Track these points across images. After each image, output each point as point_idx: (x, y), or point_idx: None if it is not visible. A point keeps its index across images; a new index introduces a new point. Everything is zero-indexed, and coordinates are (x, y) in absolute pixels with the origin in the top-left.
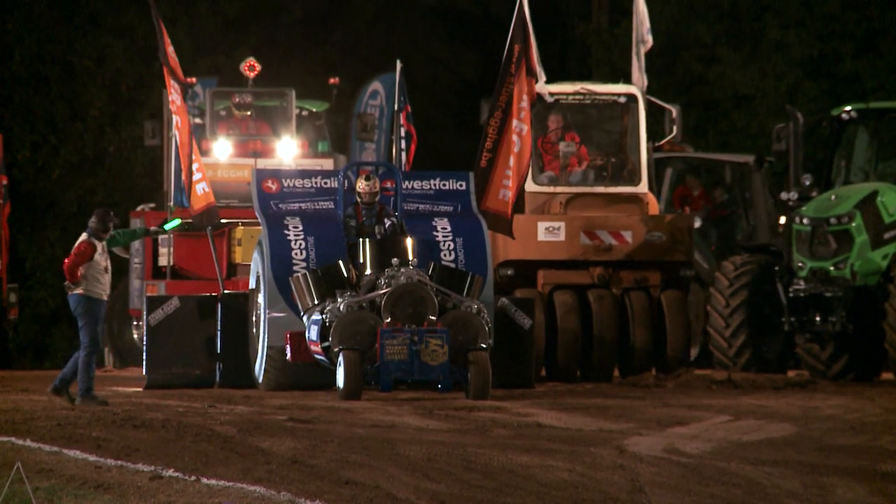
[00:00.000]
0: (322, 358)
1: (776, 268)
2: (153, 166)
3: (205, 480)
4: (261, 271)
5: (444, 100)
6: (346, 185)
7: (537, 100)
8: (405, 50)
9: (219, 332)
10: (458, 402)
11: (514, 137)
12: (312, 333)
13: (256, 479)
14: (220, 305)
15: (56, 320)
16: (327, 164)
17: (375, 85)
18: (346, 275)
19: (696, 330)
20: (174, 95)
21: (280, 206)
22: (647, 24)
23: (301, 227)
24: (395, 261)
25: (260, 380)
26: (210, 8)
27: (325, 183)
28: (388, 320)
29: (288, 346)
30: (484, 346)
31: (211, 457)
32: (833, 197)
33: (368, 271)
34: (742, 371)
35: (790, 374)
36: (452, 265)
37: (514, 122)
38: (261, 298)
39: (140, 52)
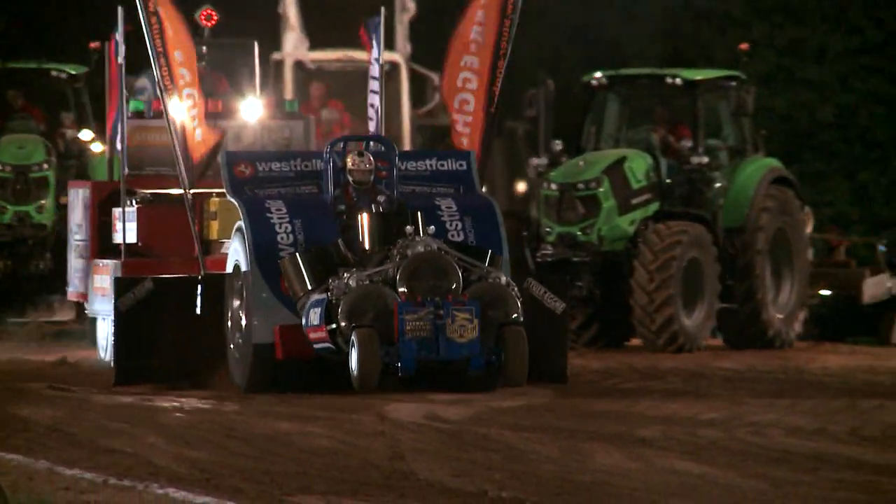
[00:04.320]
0: (326, 345)
1: (524, 233)
2: None
3: None
4: (241, 260)
5: None
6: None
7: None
8: None
9: (199, 319)
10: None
11: (469, 73)
12: (313, 317)
13: (14, 447)
14: (200, 288)
15: None
16: (297, 126)
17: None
18: (345, 254)
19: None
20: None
21: (256, 191)
22: None
23: (285, 210)
24: (408, 228)
25: (243, 381)
26: None
27: (306, 165)
28: (406, 292)
29: (278, 341)
30: (519, 320)
31: None
32: (581, 162)
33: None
34: None
35: None
36: None
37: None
38: (238, 297)
39: None
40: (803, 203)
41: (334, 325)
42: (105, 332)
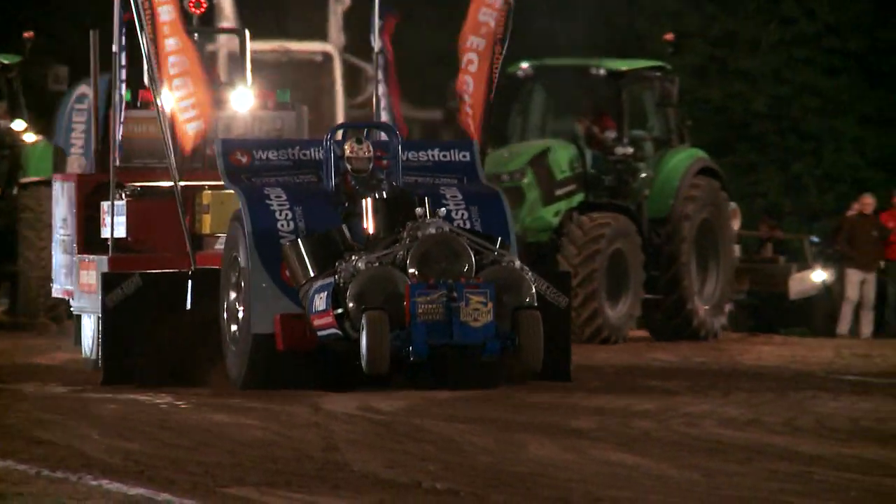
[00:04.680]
0: (332, 331)
1: None
2: None
3: None
4: (239, 249)
5: None
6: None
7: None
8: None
9: (189, 315)
10: None
11: (473, 55)
12: (319, 303)
13: None
14: (190, 284)
15: None
16: (288, 117)
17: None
18: (350, 241)
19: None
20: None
21: (253, 179)
22: None
23: (285, 197)
24: (419, 210)
25: (241, 376)
26: None
27: (304, 154)
28: (416, 275)
29: (279, 332)
30: (534, 304)
31: None
32: (506, 153)
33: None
34: None
35: None
36: None
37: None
38: (234, 289)
39: None
40: (728, 195)
41: (342, 310)
42: (91, 329)
